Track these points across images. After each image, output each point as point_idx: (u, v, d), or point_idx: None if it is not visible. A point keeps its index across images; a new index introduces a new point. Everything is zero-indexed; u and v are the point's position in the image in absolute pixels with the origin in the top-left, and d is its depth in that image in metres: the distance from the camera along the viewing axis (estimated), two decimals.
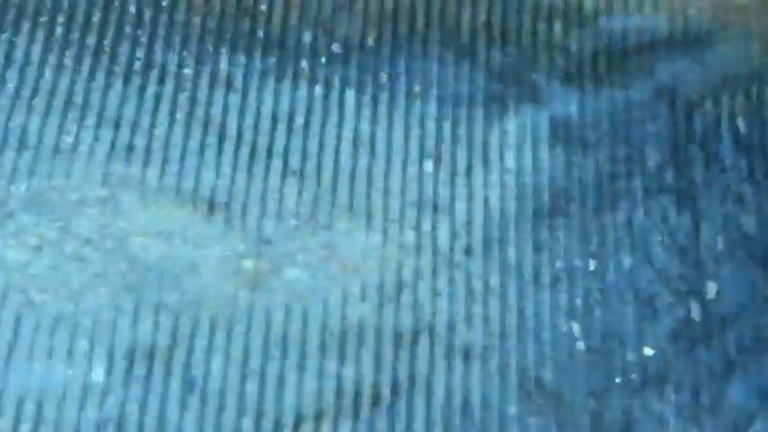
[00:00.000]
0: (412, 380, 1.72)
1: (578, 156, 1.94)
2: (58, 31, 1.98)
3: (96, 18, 1.98)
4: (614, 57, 2.04)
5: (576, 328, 1.79)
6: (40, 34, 1.96)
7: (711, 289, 1.84)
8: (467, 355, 1.74)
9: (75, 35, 1.97)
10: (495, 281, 1.81)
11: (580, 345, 1.76)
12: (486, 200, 1.89)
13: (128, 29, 1.98)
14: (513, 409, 1.70)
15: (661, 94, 2.01)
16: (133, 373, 1.67)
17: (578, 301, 1.81)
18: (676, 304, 1.81)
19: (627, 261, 1.85)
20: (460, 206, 1.88)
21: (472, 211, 1.88)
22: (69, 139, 1.87)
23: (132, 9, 1.99)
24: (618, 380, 1.75)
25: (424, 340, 1.75)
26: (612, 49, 2.05)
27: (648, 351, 1.79)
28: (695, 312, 1.81)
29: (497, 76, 2.00)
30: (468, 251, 1.84)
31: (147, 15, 2.00)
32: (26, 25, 1.97)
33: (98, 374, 1.67)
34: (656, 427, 1.72)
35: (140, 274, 1.75)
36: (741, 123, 2.00)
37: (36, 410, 1.63)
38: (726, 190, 1.93)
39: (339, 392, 1.69)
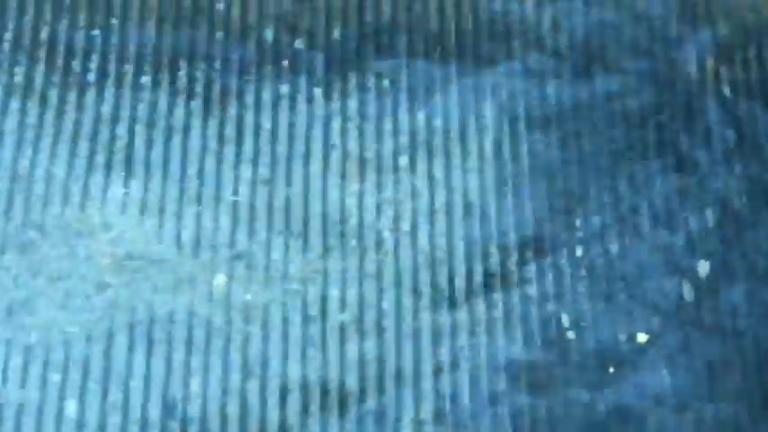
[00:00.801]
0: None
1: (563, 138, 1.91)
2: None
3: (45, 34, 1.93)
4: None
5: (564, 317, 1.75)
6: None
7: (703, 267, 1.82)
8: None
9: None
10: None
11: (570, 334, 1.73)
12: (465, 188, 1.85)
13: (80, 34, 1.93)
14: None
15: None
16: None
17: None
18: (667, 283, 1.78)
19: (614, 247, 1.81)
20: (439, 199, 1.83)
21: (451, 201, 1.83)
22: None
23: (82, 21, 1.94)
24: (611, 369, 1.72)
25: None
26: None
27: (642, 337, 1.76)
28: (687, 292, 1.79)
29: (471, 63, 1.96)
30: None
31: (98, 23, 1.94)
32: None
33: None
34: (653, 407, 1.68)
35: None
36: (727, 91, 1.96)
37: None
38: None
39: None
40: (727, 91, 1.96)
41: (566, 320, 1.74)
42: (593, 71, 1.97)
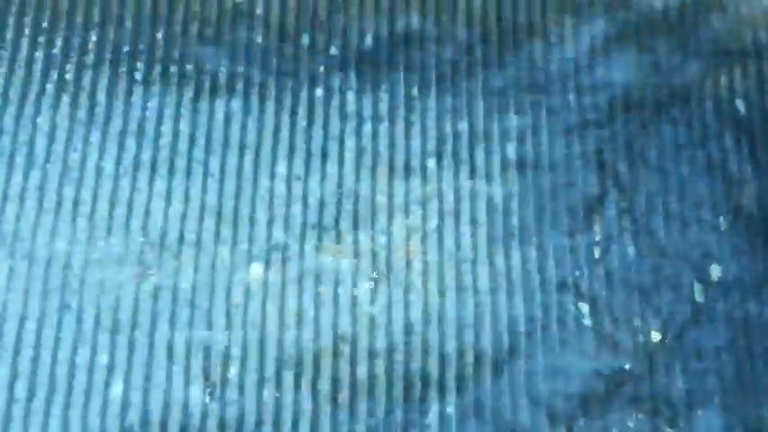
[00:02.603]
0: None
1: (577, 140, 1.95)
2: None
3: (97, 18, 1.99)
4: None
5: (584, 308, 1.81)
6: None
7: (715, 271, 1.86)
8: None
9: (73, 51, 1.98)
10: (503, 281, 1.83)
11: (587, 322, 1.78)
12: (489, 197, 1.90)
13: (127, 38, 1.99)
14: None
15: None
16: None
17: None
18: (679, 286, 1.83)
19: (630, 248, 1.86)
20: (464, 205, 1.89)
21: (477, 206, 1.89)
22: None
23: (129, 23, 1.99)
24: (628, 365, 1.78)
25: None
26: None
27: (656, 335, 1.81)
28: (698, 294, 1.83)
29: (497, 70, 2.01)
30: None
31: (146, 25, 2.00)
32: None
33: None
34: (663, 408, 1.74)
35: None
36: (740, 104, 2.00)
37: None
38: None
39: None
40: (741, 105, 2.00)
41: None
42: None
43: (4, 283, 1.77)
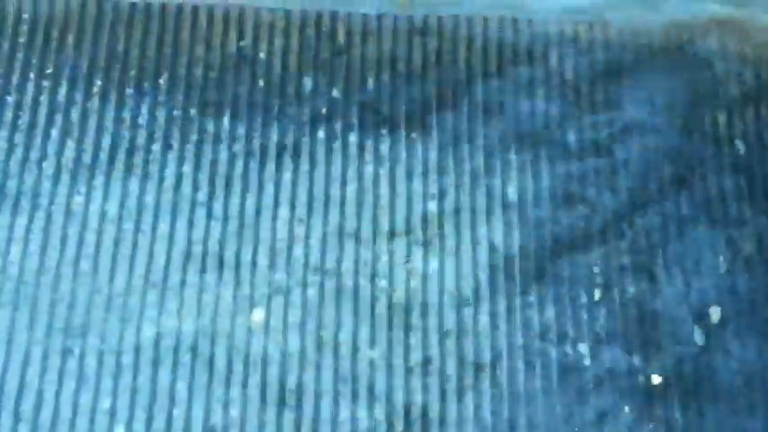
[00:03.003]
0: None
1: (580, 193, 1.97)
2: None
3: (99, 80, 2.02)
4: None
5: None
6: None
7: (715, 313, 1.87)
8: None
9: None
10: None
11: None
12: (501, 242, 1.92)
13: (131, 83, 2.02)
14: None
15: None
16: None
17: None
18: (680, 328, 1.84)
19: (631, 288, 1.87)
20: (466, 248, 1.91)
21: (477, 254, 1.91)
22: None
23: (133, 72, 2.02)
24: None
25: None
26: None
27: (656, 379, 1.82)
28: (698, 337, 1.84)
29: (495, 114, 2.03)
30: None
31: (149, 72, 2.03)
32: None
33: None
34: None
35: None
36: (740, 145, 2.01)
37: None
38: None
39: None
40: (740, 144, 2.02)
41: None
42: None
43: (7, 324, 1.79)
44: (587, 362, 1.81)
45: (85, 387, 1.76)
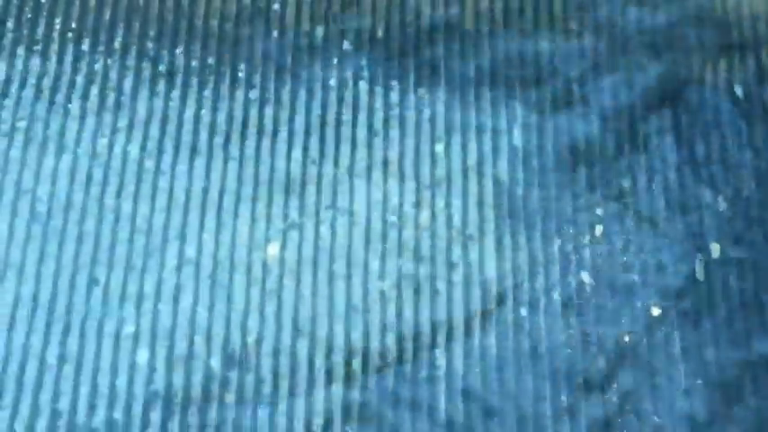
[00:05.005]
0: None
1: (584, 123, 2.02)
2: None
3: (122, 24, 2.09)
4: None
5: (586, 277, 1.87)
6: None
7: (715, 249, 1.93)
8: None
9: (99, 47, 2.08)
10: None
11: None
12: (495, 176, 1.97)
13: (151, 33, 2.09)
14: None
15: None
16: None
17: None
18: (680, 265, 1.90)
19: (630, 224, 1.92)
20: (473, 185, 1.96)
21: (482, 185, 1.96)
22: None
23: (154, 11, 2.09)
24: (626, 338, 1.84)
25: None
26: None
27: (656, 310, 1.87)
28: (699, 273, 1.90)
29: (502, 60, 2.08)
30: None
31: (168, 24, 2.10)
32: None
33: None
34: (665, 382, 1.80)
35: None
36: (738, 90, 2.05)
37: None
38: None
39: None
40: (738, 90, 2.06)
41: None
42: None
43: (37, 257, 1.87)
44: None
45: (110, 314, 1.84)
